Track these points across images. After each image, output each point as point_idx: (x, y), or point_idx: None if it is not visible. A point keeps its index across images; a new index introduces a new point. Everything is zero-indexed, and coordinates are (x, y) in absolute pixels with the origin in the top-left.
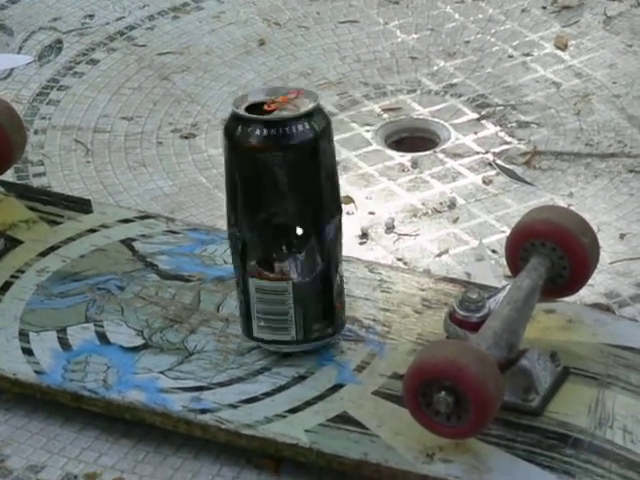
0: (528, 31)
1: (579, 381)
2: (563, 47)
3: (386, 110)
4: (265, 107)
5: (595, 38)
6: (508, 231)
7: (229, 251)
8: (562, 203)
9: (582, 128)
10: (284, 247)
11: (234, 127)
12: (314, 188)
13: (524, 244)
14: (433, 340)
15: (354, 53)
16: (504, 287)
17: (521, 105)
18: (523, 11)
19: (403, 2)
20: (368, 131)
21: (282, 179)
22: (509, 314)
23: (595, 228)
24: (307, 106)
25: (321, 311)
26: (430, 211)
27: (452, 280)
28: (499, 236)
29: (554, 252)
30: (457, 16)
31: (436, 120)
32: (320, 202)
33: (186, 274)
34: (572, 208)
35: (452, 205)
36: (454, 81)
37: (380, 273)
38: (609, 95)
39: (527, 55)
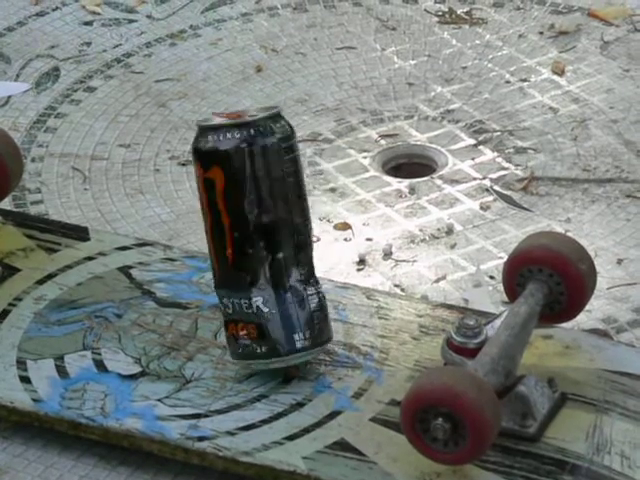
0: (525, 57)
1: (577, 407)
2: (560, 72)
3: (383, 136)
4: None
5: (592, 63)
6: (506, 257)
7: None
8: (559, 229)
9: (579, 153)
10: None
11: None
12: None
13: (521, 270)
14: (430, 367)
15: (351, 79)
16: (501, 313)
17: (518, 131)
18: (520, 37)
19: (400, 28)
20: (365, 157)
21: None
22: (506, 340)
23: (592, 254)
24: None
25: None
26: (428, 237)
27: (449, 306)
28: (496, 262)
29: (551, 278)
30: (454, 42)
31: (433, 146)
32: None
33: (184, 302)
34: (569, 234)
35: (449, 231)
36: (451, 107)
37: (377, 300)
38: (606, 120)
39: (524, 81)
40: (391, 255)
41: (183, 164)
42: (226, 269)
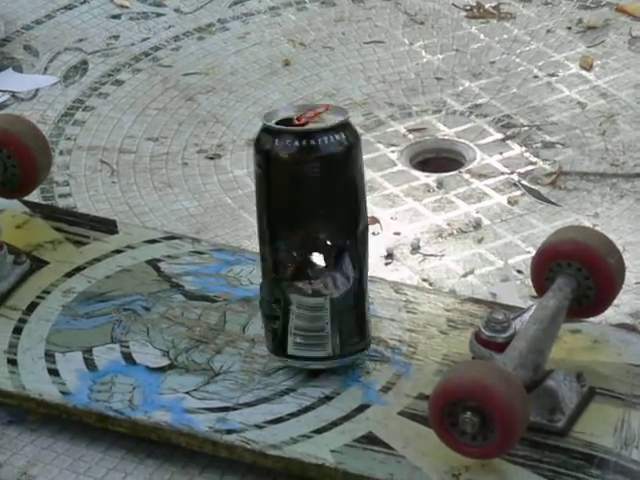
0: (553, 51)
1: (605, 401)
2: (588, 67)
3: (411, 131)
4: (295, 121)
5: (620, 58)
6: (533, 251)
7: (255, 272)
8: (587, 223)
9: (607, 148)
10: (319, 264)
11: (266, 140)
12: (348, 201)
13: (550, 264)
14: (459, 361)
15: (379, 73)
16: (530, 307)
17: (546, 125)
18: (548, 32)
19: (428, 23)
20: (393, 152)
21: (317, 194)
22: (535, 334)
23: (621, 248)
24: (336, 120)
25: (355, 325)
26: (455, 231)
27: (477, 301)
28: (524, 256)
29: (580, 272)
30: (482, 36)
31: (461, 140)
32: (353, 215)
33: (212, 295)
34: (598, 228)
35: (477, 225)
36: (479, 101)
37: (406, 294)
38: (634, 115)
39: (552, 75)
40: (419, 249)
41: (211, 157)
42: None
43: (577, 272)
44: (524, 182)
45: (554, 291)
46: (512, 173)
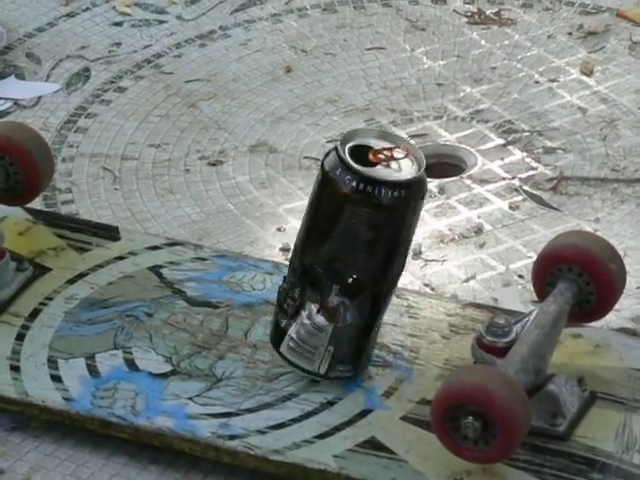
0: (554, 57)
1: (606, 406)
2: (589, 73)
3: (413, 136)
4: (370, 156)
5: (621, 64)
6: (535, 256)
7: (257, 278)
8: (589, 228)
9: (608, 153)
10: (338, 291)
11: (333, 166)
12: (386, 251)
13: (551, 269)
14: (461, 365)
15: (381, 80)
16: (531, 312)
17: (547, 131)
18: (549, 37)
19: (430, 29)
20: None
21: (360, 234)
22: (536, 339)
23: (622, 253)
24: (409, 173)
25: (349, 355)
26: (457, 237)
27: (479, 306)
28: (526, 261)
29: (581, 277)
30: (483, 42)
31: (463, 146)
32: (387, 264)
33: (214, 301)
34: (599, 233)
35: (479, 231)
36: (480, 107)
37: (407, 299)
38: (635, 120)
39: (553, 81)
40: (421, 254)
41: (213, 164)
42: None
43: (578, 277)
44: (525, 187)
45: (555, 296)
46: (513, 178)
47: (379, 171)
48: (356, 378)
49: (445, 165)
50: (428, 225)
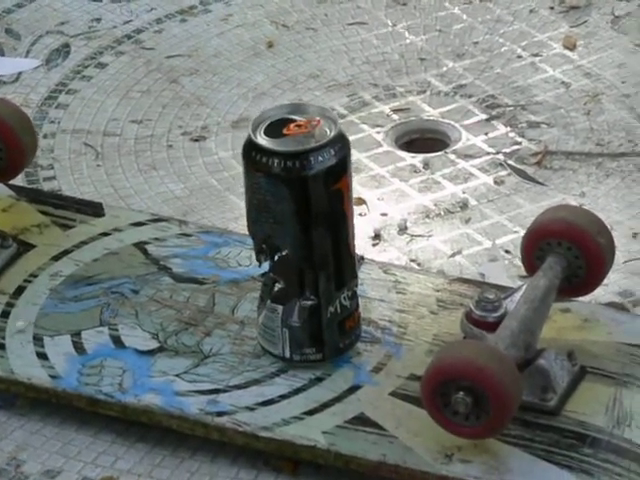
0: (536, 31)
1: (596, 380)
2: (572, 47)
3: (396, 111)
4: (285, 130)
5: (603, 38)
6: (521, 231)
7: (243, 254)
8: (574, 203)
9: (592, 128)
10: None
11: (251, 152)
12: (302, 223)
13: (540, 244)
14: (450, 340)
15: (363, 55)
16: (520, 287)
17: (531, 105)
18: (531, 11)
19: (411, 3)
20: (379, 132)
21: (272, 206)
22: (526, 314)
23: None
24: (327, 135)
25: (307, 338)
26: (442, 212)
27: (467, 281)
28: (512, 236)
29: (570, 251)
30: (465, 17)
31: (446, 121)
32: (308, 239)
33: (200, 277)
34: (583, 207)
35: (464, 206)
36: (463, 82)
37: (395, 274)
38: (618, 95)
39: (536, 55)
40: (406, 230)
41: (196, 140)
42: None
43: (567, 251)
44: (510, 162)
45: (544, 270)
46: (498, 153)
47: (280, 142)
48: (328, 361)
49: (429, 140)
50: (413, 200)
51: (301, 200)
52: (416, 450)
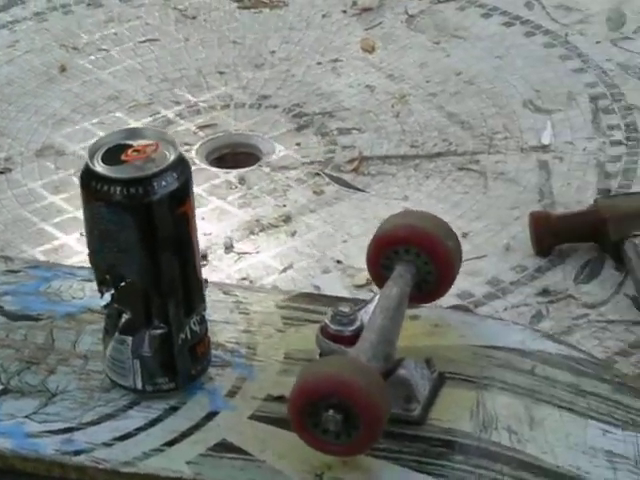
0: (332, 36)
1: (456, 385)
2: (370, 50)
3: (202, 128)
4: (123, 156)
5: (401, 38)
6: (349, 239)
7: (75, 286)
8: (398, 207)
9: (404, 130)
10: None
11: (90, 182)
12: (141, 248)
13: (386, 252)
14: (301, 358)
15: (160, 72)
16: (373, 298)
17: (339, 111)
18: (324, 16)
19: (200, 17)
20: (188, 150)
21: (113, 234)
22: (383, 324)
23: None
24: (167, 159)
25: (159, 367)
26: (266, 226)
27: (309, 295)
28: (340, 246)
29: (419, 258)
30: (257, 26)
31: (255, 134)
32: (152, 264)
33: (34, 313)
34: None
35: (287, 219)
36: (266, 92)
37: (235, 294)
38: (425, 94)
39: (336, 61)
40: (233, 248)
41: (1, 172)
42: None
43: (416, 257)
44: (327, 171)
45: (395, 279)
46: (312, 163)
47: (119, 169)
48: (181, 389)
49: (240, 155)
50: (234, 217)
51: (146, 226)
52: (285, 472)
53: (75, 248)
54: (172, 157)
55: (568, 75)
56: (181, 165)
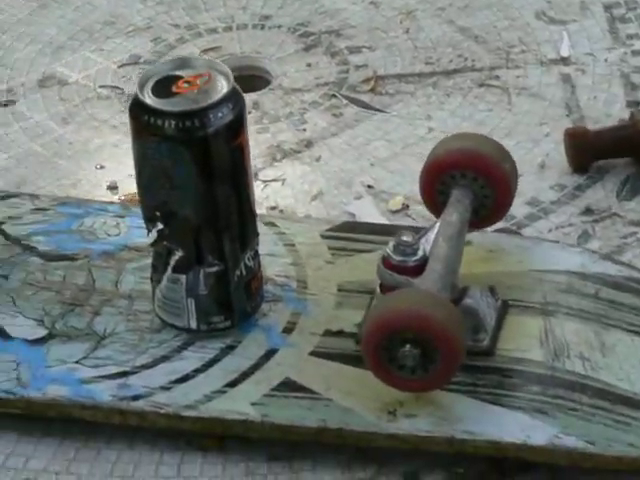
0: None
1: (521, 313)
2: None
3: (206, 51)
4: (174, 88)
5: None
6: (376, 162)
7: (108, 222)
8: (423, 128)
9: (416, 46)
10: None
11: (142, 116)
12: (199, 183)
13: (442, 177)
14: (354, 290)
15: None
16: (433, 225)
17: (346, 29)
18: None
19: None
20: None
21: (168, 169)
22: (448, 253)
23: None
24: (220, 89)
25: (215, 305)
26: (288, 152)
27: (352, 224)
28: (369, 170)
29: (475, 182)
30: None
31: (262, 56)
32: (208, 198)
33: (70, 253)
34: (434, 132)
35: (309, 144)
36: (267, 12)
37: (276, 225)
38: (433, 9)
39: None
40: (257, 176)
41: (5, 104)
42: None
43: (473, 182)
44: (343, 92)
45: (454, 205)
46: (326, 84)
47: (173, 102)
48: (236, 327)
49: (249, 77)
50: (254, 143)
51: (203, 160)
52: (356, 410)
53: (94, 182)
54: (225, 88)
55: None
56: (235, 95)
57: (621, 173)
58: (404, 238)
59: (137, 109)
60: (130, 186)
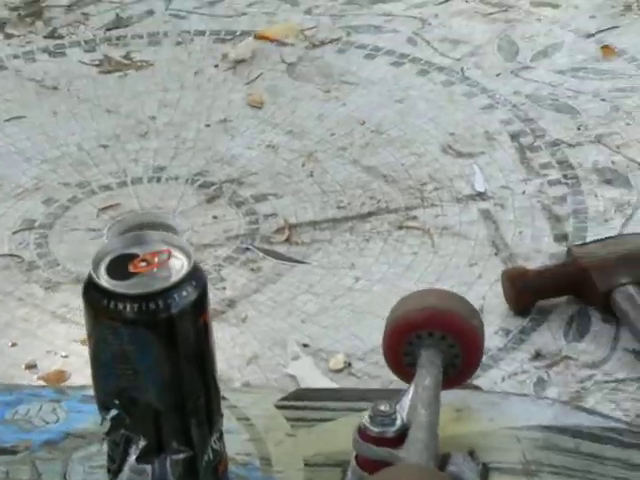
0: (213, 93)
1: (503, 475)
2: (259, 105)
3: (104, 209)
4: (131, 267)
5: (287, 89)
6: (307, 319)
7: (45, 408)
8: (349, 278)
9: (324, 190)
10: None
11: (86, 288)
12: (167, 369)
13: (408, 338)
14: (322, 463)
15: (37, 152)
16: (407, 390)
17: (247, 177)
18: (196, 74)
19: (62, 86)
20: (96, 237)
21: (129, 354)
22: (429, 420)
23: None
24: (182, 267)
25: None
26: (213, 314)
27: (307, 391)
28: (303, 327)
29: (444, 341)
30: (127, 91)
31: (164, 211)
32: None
33: (9, 445)
34: (361, 281)
35: (232, 303)
36: (160, 163)
37: (225, 398)
38: (334, 149)
39: (225, 121)
40: None
41: None
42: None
43: (440, 341)
44: (256, 244)
45: (426, 367)
46: (237, 237)
47: (132, 284)
48: None
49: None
50: None
51: (168, 342)
52: None
53: (8, 362)
54: (185, 264)
55: (478, 113)
56: (197, 272)
57: (564, 312)
58: (381, 408)
59: (93, 292)
60: (50, 364)
